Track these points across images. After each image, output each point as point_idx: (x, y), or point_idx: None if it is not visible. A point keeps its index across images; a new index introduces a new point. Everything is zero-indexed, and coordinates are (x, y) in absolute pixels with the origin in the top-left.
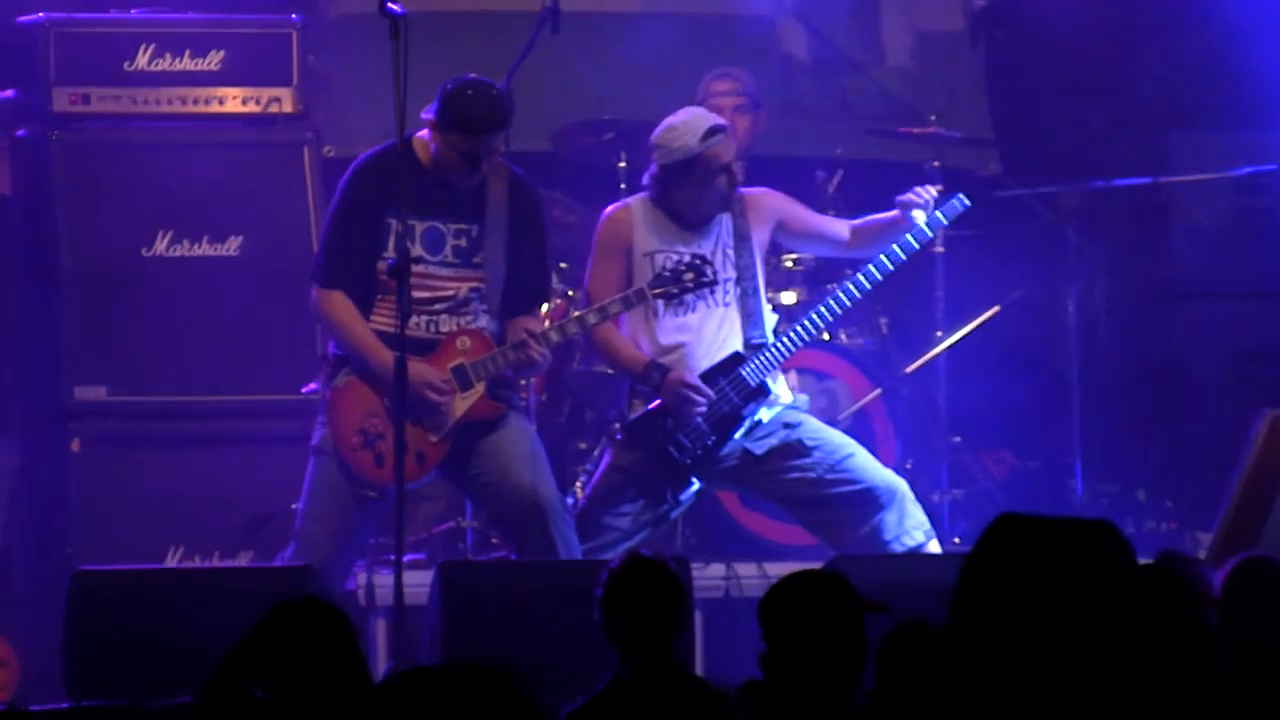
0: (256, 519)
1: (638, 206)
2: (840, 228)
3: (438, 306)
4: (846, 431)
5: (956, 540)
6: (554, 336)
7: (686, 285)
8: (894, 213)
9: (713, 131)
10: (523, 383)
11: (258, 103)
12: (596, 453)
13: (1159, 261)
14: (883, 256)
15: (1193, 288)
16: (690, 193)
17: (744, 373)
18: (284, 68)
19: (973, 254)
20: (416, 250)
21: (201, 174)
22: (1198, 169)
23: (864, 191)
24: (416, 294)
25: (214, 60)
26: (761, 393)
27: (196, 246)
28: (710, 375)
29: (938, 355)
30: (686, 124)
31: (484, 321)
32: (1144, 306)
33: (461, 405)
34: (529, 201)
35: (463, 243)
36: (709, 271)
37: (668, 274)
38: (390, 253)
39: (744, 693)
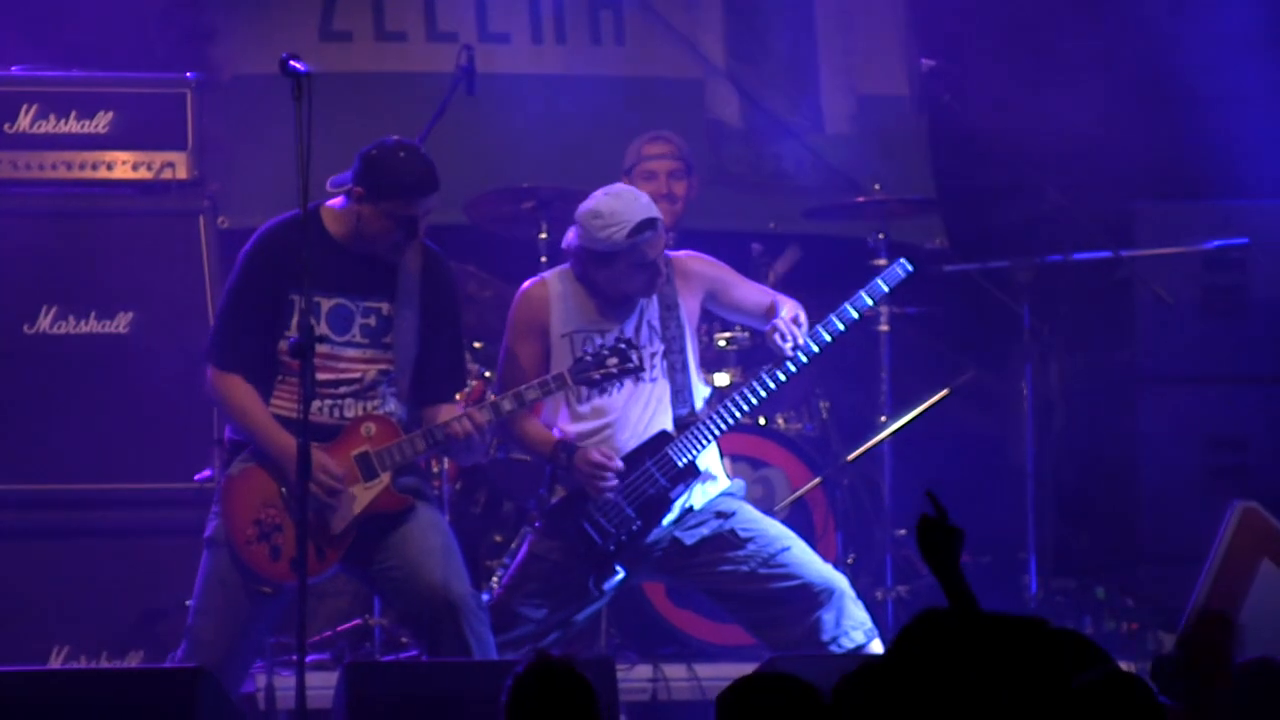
0: (147, 616)
1: (555, 282)
2: (766, 300)
3: (342, 390)
4: (784, 523)
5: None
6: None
7: (610, 371)
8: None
9: (642, 228)
10: (435, 470)
11: (149, 168)
12: (514, 545)
13: (1120, 342)
14: (820, 329)
15: (1156, 370)
16: (610, 278)
17: (671, 452)
18: (178, 130)
19: (920, 333)
20: (321, 329)
21: (88, 244)
22: (1163, 242)
23: (802, 268)
24: (320, 376)
25: (102, 122)
26: (690, 473)
27: (83, 323)
28: (636, 455)
29: (882, 442)
30: (615, 215)
31: (392, 406)
32: (1104, 390)
33: (365, 496)
34: (444, 278)
35: (372, 321)
36: (634, 357)
37: (590, 359)
38: (293, 331)
39: None
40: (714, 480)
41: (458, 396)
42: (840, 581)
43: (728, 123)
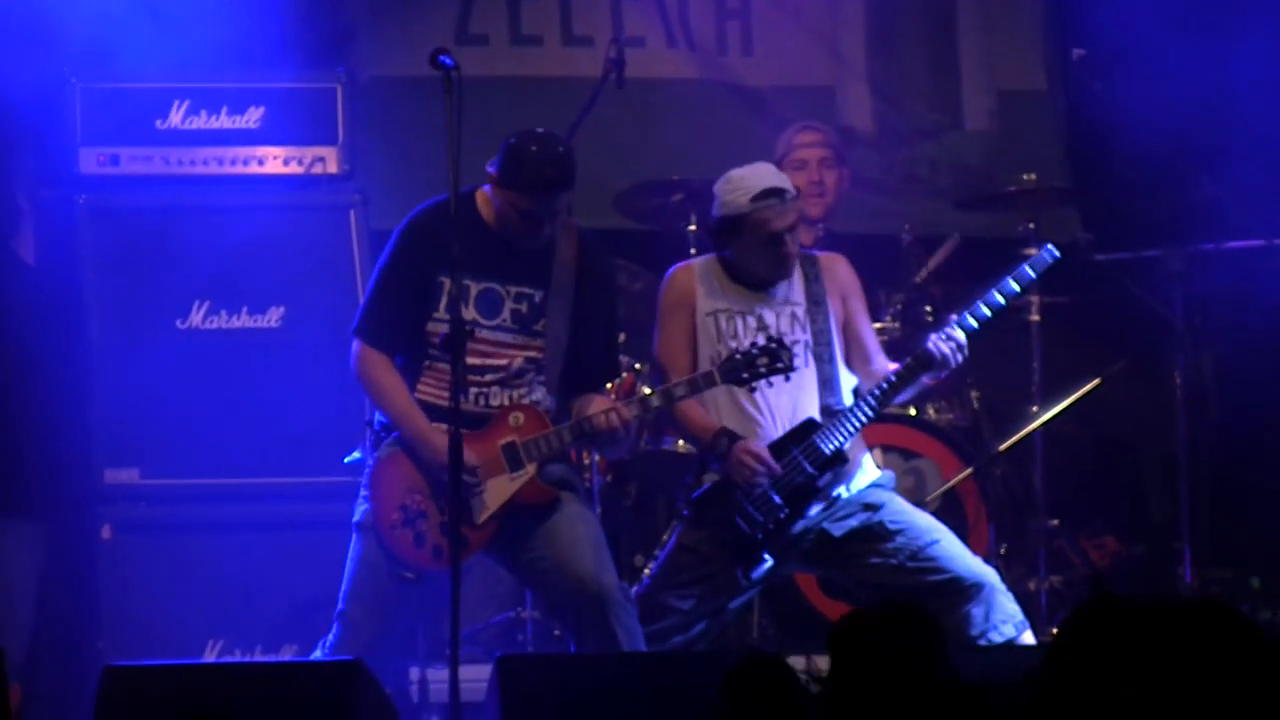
0: (301, 609)
1: (700, 265)
2: (875, 354)
3: (489, 377)
4: (935, 514)
5: (1054, 632)
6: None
7: (759, 370)
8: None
9: (767, 194)
10: (585, 462)
11: (300, 163)
12: (665, 537)
13: (1276, 330)
14: (967, 315)
15: None
16: (738, 252)
17: (818, 440)
18: (328, 125)
19: (1071, 322)
20: (469, 313)
21: (240, 240)
22: None
23: (948, 265)
24: (466, 360)
25: (253, 117)
26: (837, 460)
27: (235, 318)
28: (783, 443)
29: (1033, 432)
30: (744, 179)
31: (539, 395)
32: (1258, 378)
33: (510, 488)
34: (600, 267)
35: (523, 308)
36: (785, 357)
37: (740, 358)
38: (442, 314)
39: None
40: (862, 471)
41: (609, 388)
42: (990, 575)
43: (859, 128)
